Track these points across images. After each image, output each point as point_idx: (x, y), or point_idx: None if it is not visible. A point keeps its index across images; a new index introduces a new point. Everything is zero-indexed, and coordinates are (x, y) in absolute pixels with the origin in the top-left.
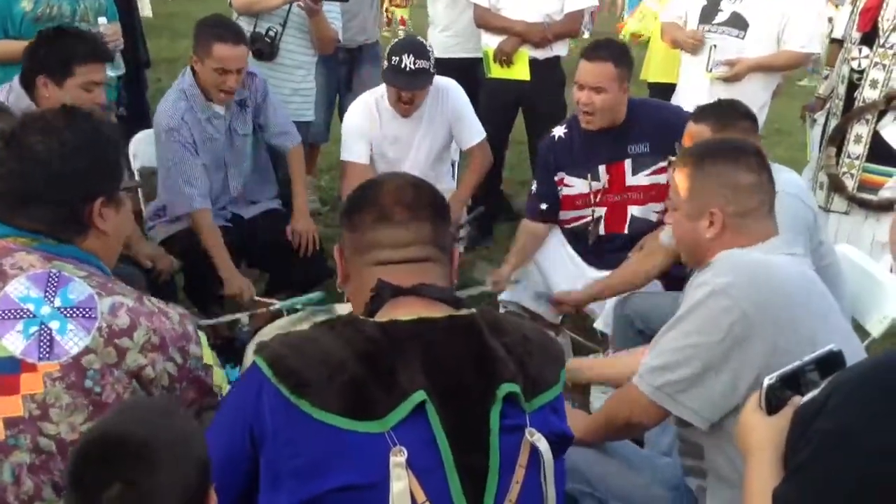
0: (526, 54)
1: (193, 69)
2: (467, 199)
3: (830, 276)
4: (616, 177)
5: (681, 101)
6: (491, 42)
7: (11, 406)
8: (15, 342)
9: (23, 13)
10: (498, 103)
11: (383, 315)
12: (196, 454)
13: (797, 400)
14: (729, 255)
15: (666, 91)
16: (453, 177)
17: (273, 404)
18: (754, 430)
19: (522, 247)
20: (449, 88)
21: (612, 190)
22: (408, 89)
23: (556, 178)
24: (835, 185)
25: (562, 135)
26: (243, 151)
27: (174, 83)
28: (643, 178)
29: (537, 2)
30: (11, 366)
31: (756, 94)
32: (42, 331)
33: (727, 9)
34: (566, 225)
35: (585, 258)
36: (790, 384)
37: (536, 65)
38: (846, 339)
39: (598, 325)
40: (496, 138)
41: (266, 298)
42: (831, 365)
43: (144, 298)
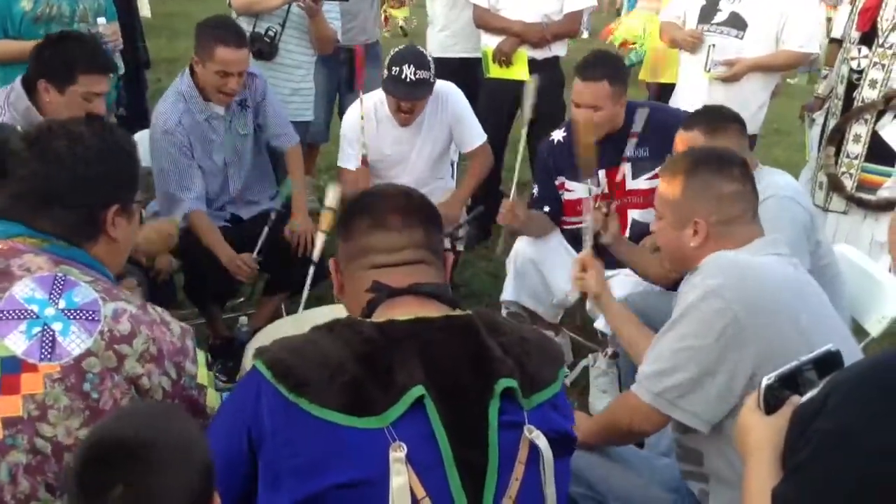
0: (525, 54)
1: (193, 70)
2: (466, 200)
3: (829, 276)
4: (615, 181)
5: (679, 102)
6: (490, 42)
7: (11, 406)
8: (17, 342)
9: (22, 13)
10: (497, 103)
11: (380, 315)
12: (199, 458)
13: (795, 400)
14: (717, 257)
15: (665, 91)
16: (453, 176)
17: (272, 405)
18: (753, 431)
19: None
20: (448, 93)
21: (613, 195)
22: (408, 100)
23: (557, 183)
24: (833, 185)
25: (560, 139)
26: (244, 152)
27: (172, 84)
28: (643, 182)
29: (536, 2)
30: (13, 365)
31: (755, 94)
32: (45, 332)
33: (726, 9)
34: (564, 227)
35: None
36: (788, 384)
37: (535, 65)
38: (842, 339)
39: (599, 326)
40: (495, 138)
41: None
42: (829, 364)
43: (148, 307)
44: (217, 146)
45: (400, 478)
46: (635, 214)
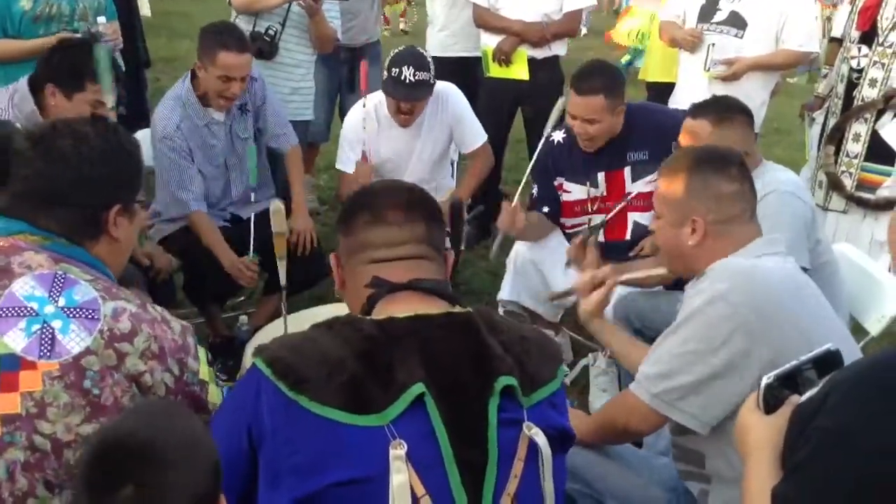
0: (524, 54)
1: (195, 75)
2: (467, 200)
3: (827, 275)
4: (615, 184)
5: (679, 101)
6: (490, 41)
7: (9, 403)
8: (16, 339)
9: (22, 12)
10: (497, 103)
11: (380, 312)
12: (207, 456)
13: (795, 399)
14: (724, 263)
15: (664, 90)
16: (453, 175)
17: (272, 403)
18: (752, 430)
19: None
20: (448, 94)
21: (611, 197)
22: (407, 101)
23: (556, 184)
24: (833, 184)
25: (560, 140)
26: (245, 155)
27: (171, 88)
28: (643, 185)
29: (536, 1)
30: (11, 363)
31: (755, 93)
32: (44, 329)
33: (726, 8)
34: (565, 230)
35: None
36: (788, 383)
37: (535, 64)
38: (842, 338)
39: None
40: (495, 138)
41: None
42: (829, 364)
43: (148, 305)
44: (218, 151)
45: (400, 476)
46: (637, 217)
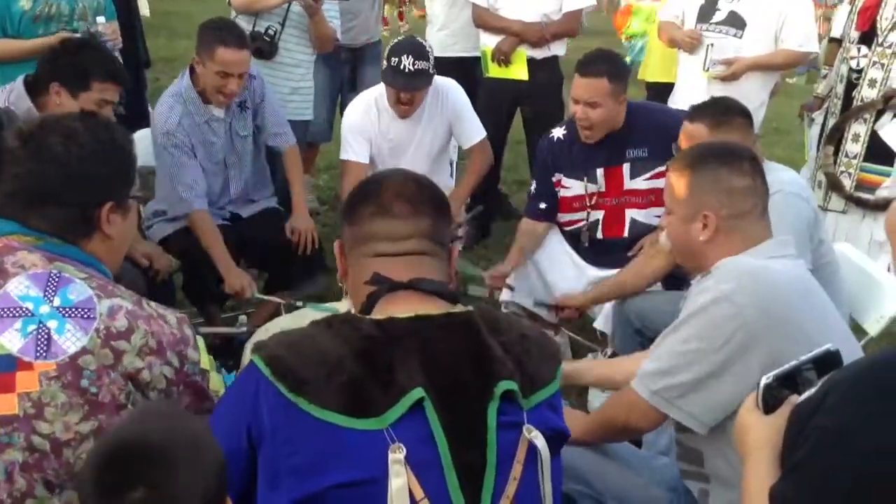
0: (524, 54)
1: (193, 71)
2: (466, 199)
3: (828, 275)
4: (614, 181)
5: (678, 101)
6: (489, 42)
7: (6, 404)
8: (12, 340)
9: (21, 12)
10: (496, 103)
11: (380, 310)
12: (214, 456)
13: (794, 399)
14: (731, 262)
15: (663, 90)
16: (452, 175)
17: (271, 403)
18: (751, 430)
19: (522, 247)
20: (449, 88)
21: (610, 194)
22: (407, 90)
23: (554, 180)
24: (832, 184)
25: (560, 136)
26: (244, 153)
27: (171, 85)
28: (641, 183)
29: (535, 1)
30: (8, 364)
31: (754, 93)
32: (40, 330)
33: (725, 8)
34: (563, 227)
35: (585, 258)
36: (787, 383)
37: (534, 64)
38: (844, 340)
39: (598, 325)
40: (494, 138)
41: (266, 296)
42: (828, 364)
43: (143, 302)
44: (218, 148)
45: (399, 479)
46: (635, 215)
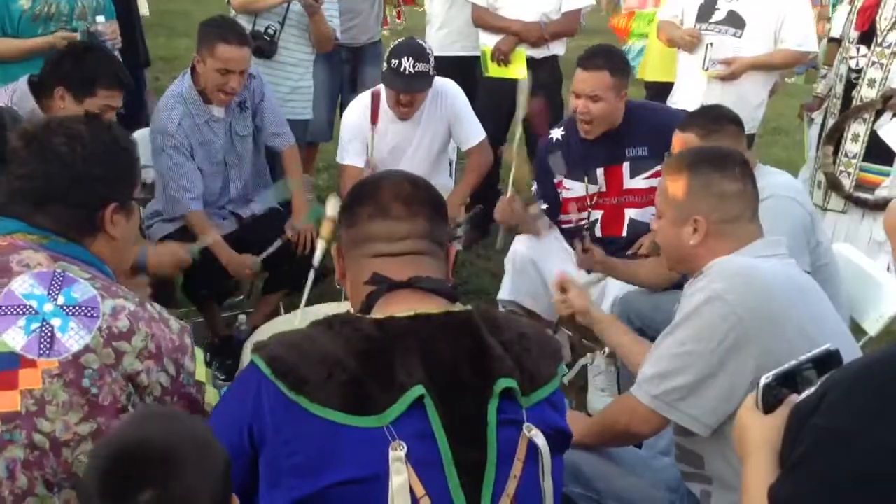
0: (523, 53)
1: (194, 70)
2: (465, 199)
3: (826, 276)
4: (613, 180)
5: (678, 100)
6: (489, 41)
7: (9, 401)
8: (16, 338)
9: (21, 11)
10: (495, 102)
11: (380, 310)
12: (219, 457)
13: (793, 398)
14: (723, 262)
15: (663, 90)
16: (451, 175)
17: (272, 403)
18: (751, 430)
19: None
20: (448, 89)
21: (610, 193)
22: (407, 92)
23: (555, 181)
24: (832, 184)
25: (559, 137)
26: (244, 153)
27: (171, 86)
28: (641, 182)
29: (534, 1)
30: (11, 361)
31: (753, 93)
32: (43, 327)
33: (724, 7)
34: (562, 225)
35: None
36: (787, 383)
37: (534, 64)
38: (841, 338)
39: None
40: (494, 137)
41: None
42: (828, 364)
43: (147, 304)
44: (217, 148)
45: (399, 477)
46: (633, 214)
